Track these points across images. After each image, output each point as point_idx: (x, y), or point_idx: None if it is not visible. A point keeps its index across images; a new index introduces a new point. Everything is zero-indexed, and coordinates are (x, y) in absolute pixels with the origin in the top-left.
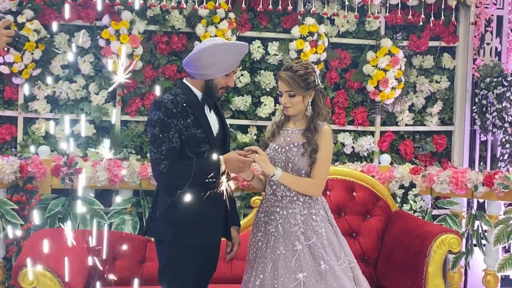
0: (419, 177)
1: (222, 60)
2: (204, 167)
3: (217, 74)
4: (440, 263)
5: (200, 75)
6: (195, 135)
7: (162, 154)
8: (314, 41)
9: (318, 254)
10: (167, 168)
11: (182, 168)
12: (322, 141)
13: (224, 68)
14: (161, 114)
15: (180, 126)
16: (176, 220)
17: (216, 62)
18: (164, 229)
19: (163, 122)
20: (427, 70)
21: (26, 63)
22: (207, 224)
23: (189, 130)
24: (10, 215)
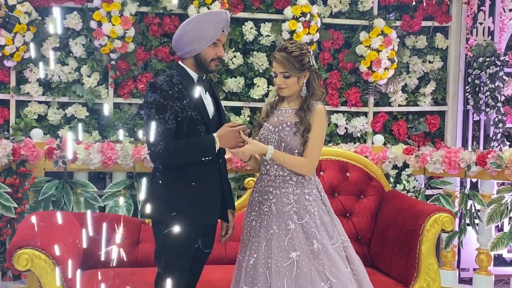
0: (412, 157)
1: (203, 31)
2: (200, 146)
3: (202, 46)
4: (433, 242)
5: (188, 53)
6: (191, 116)
7: (159, 135)
8: (307, 21)
9: (311, 233)
10: (163, 149)
11: (179, 148)
12: (315, 120)
13: (207, 39)
14: (156, 96)
15: (176, 108)
16: (172, 201)
17: (197, 35)
18: (161, 210)
19: (159, 104)
20: (420, 50)
21: (18, 46)
22: (203, 205)
23: (185, 111)
24: (4, 198)
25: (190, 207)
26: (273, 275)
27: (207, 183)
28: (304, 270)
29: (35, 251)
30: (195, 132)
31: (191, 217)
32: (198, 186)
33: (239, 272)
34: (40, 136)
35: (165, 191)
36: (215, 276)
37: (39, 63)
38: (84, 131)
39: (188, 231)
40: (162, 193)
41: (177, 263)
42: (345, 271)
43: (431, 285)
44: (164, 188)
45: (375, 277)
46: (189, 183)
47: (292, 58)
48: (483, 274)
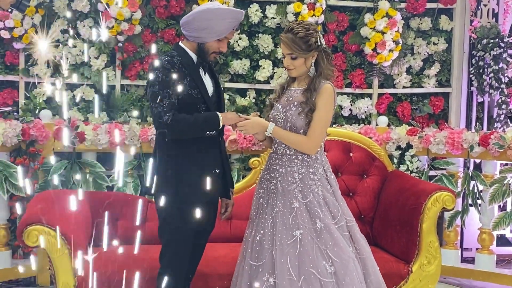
0: (415, 138)
1: (215, 25)
2: (205, 121)
3: (209, 38)
4: (434, 220)
5: (193, 38)
6: (192, 95)
7: (164, 107)
8: (312, 3)
9: (314, 212)
10: (171, 119)
11: (185, 119)
12: (321, 99)
13: (216, 33)
14: (159, 73)
15: (177, 86)
16: (174, 178)
17: (209, 26)
18: (163, 186)
19: (162, 81)
20: (425, 32)
21: (26, 28)
22: (205, 182)
23: (186, 90)
24: (14, 177)
25: (192, 183)
26: (277, 252)
27: (208, 160)
28: (306, 249)
29: (45, 227)
30: (196, 110)
31: (192, 194)
32: (200, 163)
33: (246, 247)
34: (49, 117)
35: (167, 168)
36: (219, 253)
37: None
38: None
39: (189, 208)
40: (165, 170)
41: (179, 238)
42: (347, 251)
43: (432, 262)
44: (166, 166)
45: (377, 254)
46: (191, 160)
47: (298, 39)
48: (485, 253)
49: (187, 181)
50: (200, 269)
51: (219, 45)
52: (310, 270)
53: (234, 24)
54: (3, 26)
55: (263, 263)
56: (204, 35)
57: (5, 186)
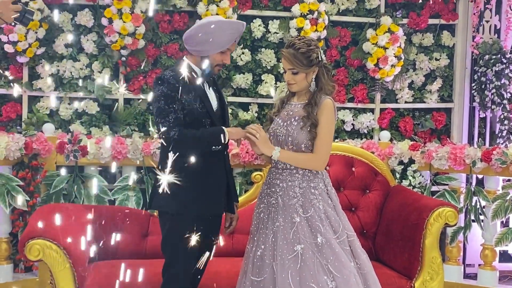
0: (418, 153)
1: (216, 37)
2: (211, 135)
3: (212, 51)
4: (437, 235)
5: (196, 51)
6: (197, 110)
7: (171, 122)
8: (314, 19)
9: (315, 227)
10: (177, 134)
11: (191, 134)
12: (322, 115)
13: (219, 45)
14: (164, 88)
15: (183, 101)
16: (178, 192)
17: (210, 39)
18: (167, 201)
19: (166, 96)
20: (427, 48)
21: (30, 42)
22: (209, 196)
23: (191, 105)
24: (16, 191)
25: (196, 197)
26: (278, 267)
27: (213, 175)
28: (308, 263)
29: (46, 241)
30: (200, 124)
31: (197, 208)
32: (204, 177)
33: (247, 263)
34: (51, 131)
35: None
36: (221, 268)
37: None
38: (94, 126)
39: (193, 222)
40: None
41: (183, 253)
42: (349, 265)
43: (434, 278)
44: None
45: (379, 270)
46: (195, 174)
47: (299, 55)
48: (488, 270)
49: (191, 195)
50: (202, 284)
51: (222, 58)
52: (311, 285)
53: (235, 36)
54: (7, 40)
55: (264, 279)
56: (206, 47)
57: (7, 199)
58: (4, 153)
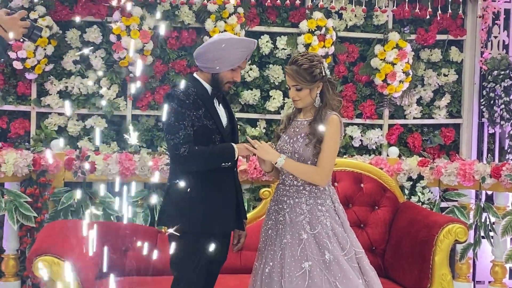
0: (427, 169)
1: (228, 55)
2: (221, 152)
3: (223, 68)
4: (447, 252)
5: (207, 68)
6: (207, 126)
7: (181, 139)
8: (322, 35)
9: (323, 244)
10: (188, 151)
11: (201, 151)
12: (328, 130)
13: (230, 63)
14: (174, 105)
15: (193, 117)
16: (187, 209)
17: (222, 57)
18: (176, 218)
19: (177, 112)
20: (435, 64)
21: (39, 59)
22: (219, 214)
23: (201, 121)
24: (24, 207)
25: (206, 215)
26: (286, 284)
27: (223, 191)
28: (315, 281)
29: (54, 258)
30: (210, 141)
31: (206, 225)
32: (214, 194)
33: (255, 280)
34: (60, 147)
35: (180, 199)
36: (230, 285)
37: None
38: (102, 142)
39: (203, 239)
40: (178, 202)
41: (192, 270)
42: (357, 283)
43: None
44: (179, 197)
45: (389, 286)
46: (205, 191)
47: (302, 71)
48: (498, 286)
49: (201, 213)
50: None
51: (233, 75)
52: None
53: (246, 53)
54: (16, 57)
55: None
56: (217, 65)
57: (15, 216)
58: (12, 170)
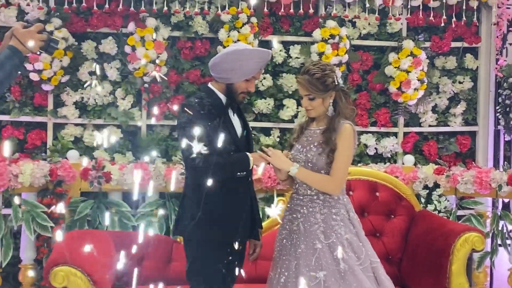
0: (443, 178)
1: (242, 65)
2: (236, 162)
3: (237, 79)
4: (464, 261)
5: (221, 79)
6: (222, 136)
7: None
8: (336, 43)
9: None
10: (203, 161)
11: (216, 161)
12: (341, 139)
13: (244, 73)
14: (189, 116)
15: (207, 127)
16: (203, 219)
17: (236, 67)
18: (192, 227)
19: (192, 123)
20: (450, 71)
21: (55, 70)
22: (234, 223)
23: (216, 131)
24: (41, 217)
25: (221, 224)
26: None
27: (238, 201)
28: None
29: (71, 268)
30: (225, 151)
31: (221, 235)
32: (229, 203)
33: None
34: (76, 158)
35: (196, 209)
36: None
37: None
38: (118, 152)
39: (218, 248)
40: (193, 211)
41: (208, 280)
42: None
43: None
44: (195, 207)
45: None
46: (220, 200)
47: (314, 80)
48: None
49: (216, 222)
50: None
51: (247, 85)
52: None
53: (261, 64)
54: (32, 69)
55: None
56: (232, 75)
57: (32, 226)
58: (29, 180)
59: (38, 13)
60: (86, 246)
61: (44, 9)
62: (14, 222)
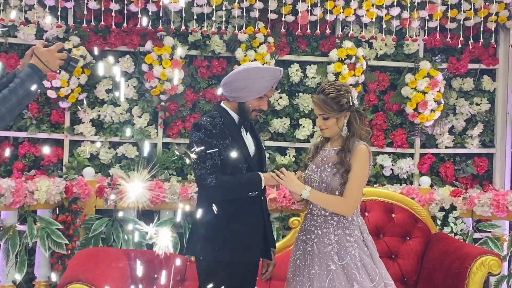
0: (459, 200)
1: (254, 84)
2: (248, 182)
3: (249, 97)
4: (480, 285)
5: (233, 98)
6: (234, 155)
7: (208, 169)
8: (352, 64)
9: (351, 275)
10: (214, 181)
11: (228, 181)
12: (356, 160)
13: (256, 92)
14: (201, 135)
15: (219, 146)
16: (215, 238)
17: (248, 86)
18: (204, 247)
19: (204, 141)
20: (467, 93)
21: (72, 88)
22: (247, 243)
23: (228, 150)
24: (56, 235)
25: (233, 244)
26: None
27: (250, 221)
28: None
29: (85, 286)
30: (237, 170)
31: (234, 255)
32: (241, 223)
33: None
34: (91, 175)
35: (207, 228)
36: None
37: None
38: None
39: (231, 269)
40: (205, 231)
41: None
42: None
43: None
44: (206, 226)
45: None
46: (232, 220)
47: (329, 100)
48: None
49: (229, 242)
50: None
51: (260, 103)
52: None
53: (272, 82)
54: (50, 86)
55: None
56: (244, 94)
57: (47, 243)
58: (45, 197)
59: (57, 31)
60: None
61: (62, 27)
62: (29, 238)
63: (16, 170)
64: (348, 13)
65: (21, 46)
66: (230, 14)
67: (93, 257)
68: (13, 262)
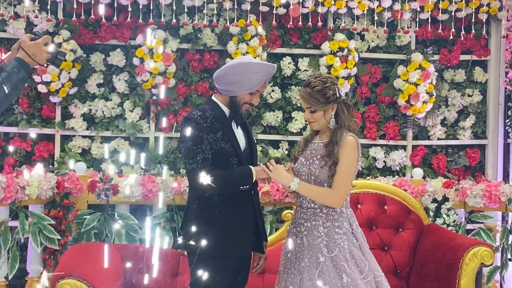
0: (452, 191)
1: (247, 79)
2: (238, 176)
3: (241, 92)
4: (473, 275)
5: (225, 91)
6: (224, 149)
7: (199, 163)
8: (344, 56)
9: (340, 267)
10: (205, 175)
11: (219, 175)
12: (343, 152)
13: (248, 87)
14: (191, 129)
15: (210, 140)
16: (206, 232)
17: (240, 80)
18: (195, 240)
19: (194, 136)
20: (459, 84)
21: (63, 82)
22: (238, 237)
23: (218, 144)
24: (48, 230)
25: (224, 238)
26: None
27: (241, 214)
28: None
29: (77, 281)
30: (228, 163)
31: (225, 249)
32: (233, 218)
33: None
34: (83, 170)
35: (199, 222)
36: None
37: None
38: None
39: (223, 263)
40: (196, 225)
41: None
42: None
43: None
44: (198, 220)
45: None
46: (223, 214)
47: (315, 93)
48: None
49: (220, 235)
50: None
51: (251, 98)
52: None
53: (266, 78)
54: (40, 81)
55: None
56: (236, 88)
57: (39, 238)
58: (37, 192)
59: (47, 25)
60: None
61: (52, 21)
62: (21, 234)
63: (7, 165)
64: (340, 5)
65: (11, 41)
66: (222, 7)
67: (86, 252)
68: (5, 258)
